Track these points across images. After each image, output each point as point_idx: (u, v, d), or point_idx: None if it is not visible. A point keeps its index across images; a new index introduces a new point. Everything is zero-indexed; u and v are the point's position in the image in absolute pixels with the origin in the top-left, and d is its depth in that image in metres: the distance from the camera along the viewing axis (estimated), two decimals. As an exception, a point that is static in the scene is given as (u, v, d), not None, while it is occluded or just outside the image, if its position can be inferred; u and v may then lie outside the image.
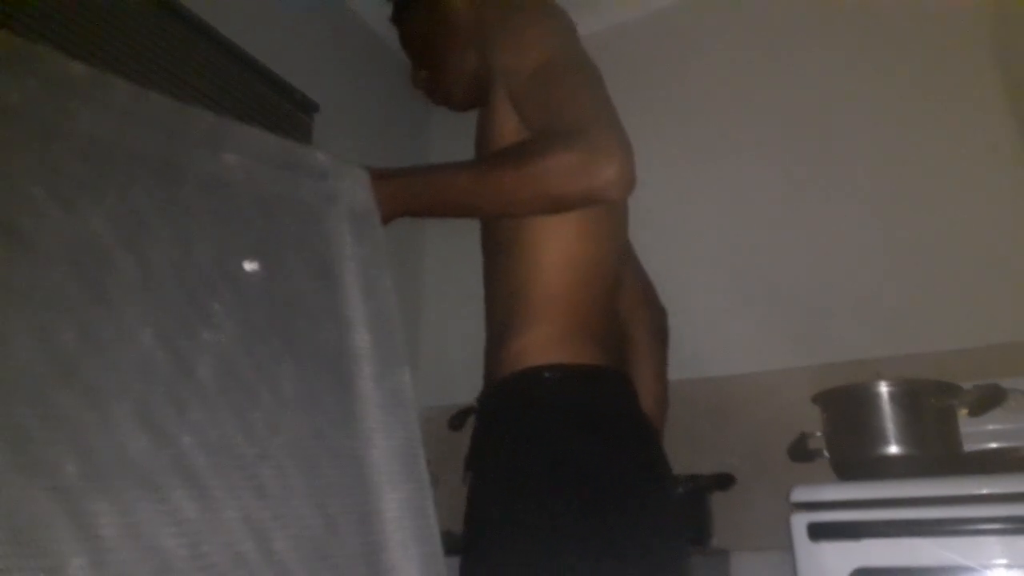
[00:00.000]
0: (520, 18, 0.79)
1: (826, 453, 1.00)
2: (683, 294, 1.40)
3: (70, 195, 0.33)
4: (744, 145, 1.43)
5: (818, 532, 0.80)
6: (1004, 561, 0.69)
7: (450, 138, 2.19)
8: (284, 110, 1.38)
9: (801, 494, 0.84)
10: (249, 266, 0.46)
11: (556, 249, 0.74)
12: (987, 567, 0.69)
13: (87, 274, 0.34)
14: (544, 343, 0.71)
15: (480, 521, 0.67)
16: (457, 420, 1.22)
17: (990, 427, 1.00)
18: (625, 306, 0.91)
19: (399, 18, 1.01)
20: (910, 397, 0.92)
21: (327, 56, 1.55)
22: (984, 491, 0.74)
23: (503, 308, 0.77)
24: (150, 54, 1.09)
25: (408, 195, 0.68)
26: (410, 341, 1.64)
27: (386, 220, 0.66)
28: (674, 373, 1.33)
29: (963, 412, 0.95)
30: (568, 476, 0.65)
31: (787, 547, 0.82)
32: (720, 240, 1.40)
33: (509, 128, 0.76)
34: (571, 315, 0.72)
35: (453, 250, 1.92)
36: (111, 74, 0.36)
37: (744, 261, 1.37)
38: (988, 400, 0.93)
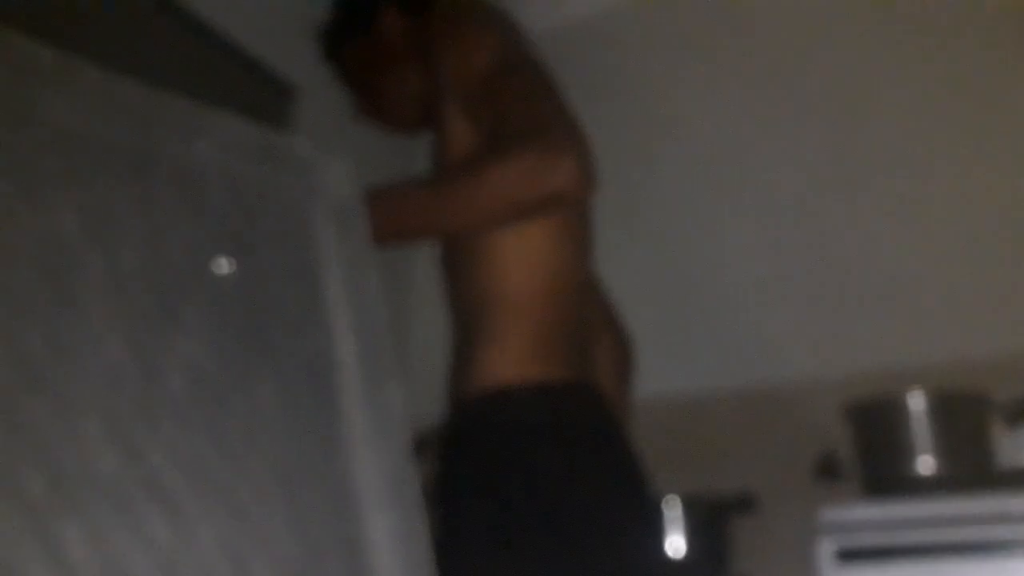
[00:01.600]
0: (462, 27, 0.83)
1: (853, 470, 1.01)
2: (702, 303, 1.41)
3: (37, 189, 0.34)
4: (774, 143, 1.44)
5: (847, 556, 0.81)
6: (1046, 585, 0.70)
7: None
8: (263, 94, 1.38)
9: (828, 515, 0.85)
10: (225, 267, 0.47)
11: (519, 256, 0.76)
12: (1028, 592, 0.70)
13: (54, 275, 0.34)
14: (511, 359, 0.73)
15: (462, 550, 0.68)
16: (420, 444, 1.21)
17: (1029, 440, 1.01)
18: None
19: (333, 53, 1.06)
20: (943, 410, 0.93)
21: (308, 36, 1.55)
22: (1020, 510, 0.75)
23: (466, 322, 0.79)
24: (120, 36, 1.09)
25: (376, 224, 0.67)
26: (400, 350, 1.63)
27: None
28: (690, 385, 1.34)
29: (998, 425, 0.96)
30: (546, 497, 0.67)
31: (813, 573, 0.83)
32: (741, 243, 1.41)
33: (463, 138, 0.78)
34: (537, 328, 0.75)
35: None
36: (79, 60, 0.37)
37: (768, 270, 1.38)
38: (1026, 412, 0.94)
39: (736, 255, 1.42)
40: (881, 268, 1.30)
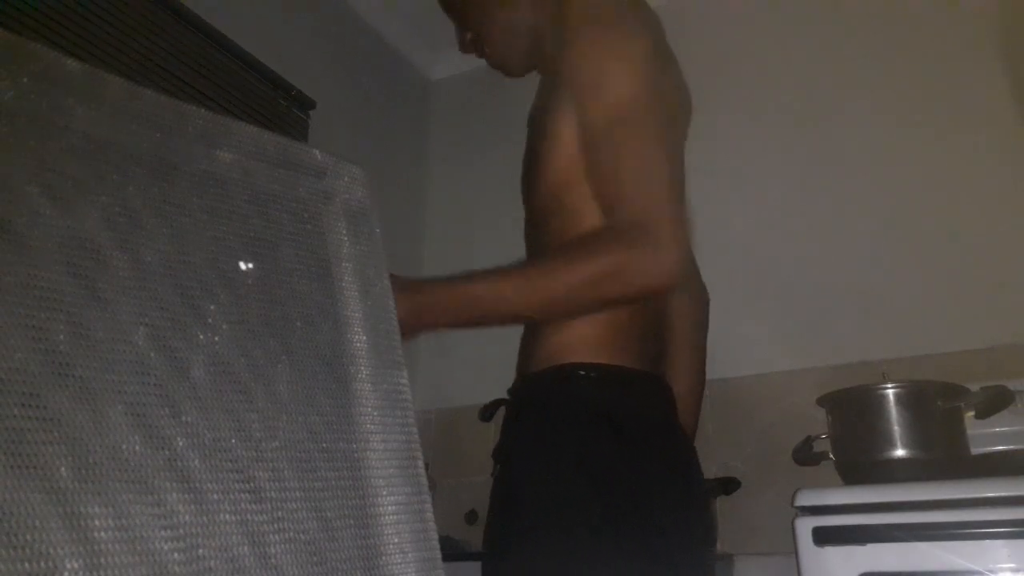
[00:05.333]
0: (604, 37, 0.73)
1: (832, 456, 1.00)
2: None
3: (64, 193, 0.34)
4: (751, 146, 1.44)
5: (823, 536, 0.80)
6: (1011, 565, 0.69)
7: (449, 137, 2.19)
8: (280, 107, 1.38)
9: (806, 498, 0.85)
10: (244, 265, 0.46)
11: (590, 220, 0.71)
12: (994, 571, 0.70)
13: (81, 273, 0.34)
14: (582, 341, 0.71)
15: (508, 515, 0.67)
16: (488, 412, 1.21)
17: (997, 429, 1.00)
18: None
19: None
20: (916, 399, 0.92)
21: (324, 52, 1.55)
22: (991, 494, 0.74)
23: None
24: (145, 50, 1.09)
25: (442, 311, 0.65)
26: (408, 342, 1.63)
27: (411, 334, 0.62)
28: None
29: (970, 414, 0.95)
30: (597, 478, 0.65)
31: (792, 552, 0.82)
32: (725, 241, 1.40)
33: (569, 154, 0.73)
34: (610, 318, 0.72)
35: (452, 250, 1.92)
36: (105, 71, 0.36)
37: (749, 263, 1.37)
38: (995, 402, 0.93)
39: (721, 261, 1.41)
40: (860, 269, 1.29)
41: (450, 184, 2.02)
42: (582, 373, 0.69)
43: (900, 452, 0.90)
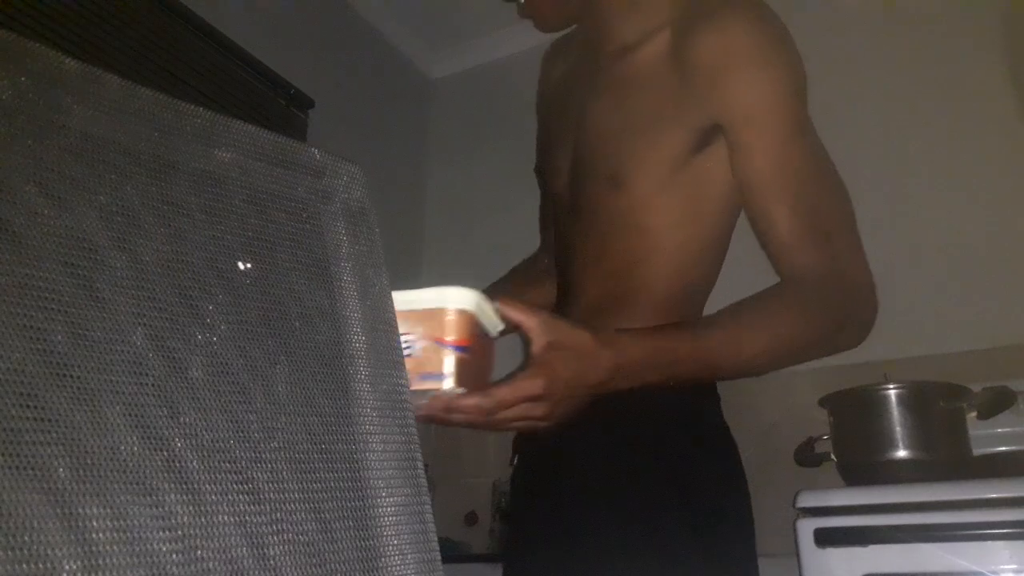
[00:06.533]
0: (787, 71, 0.69)
1: (833, 457, 1.01)
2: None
3: (62, 192, 0.34)
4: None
5: (825, 538, 0.80)
6: (1013, 567, 0.70)
7: (448, 135, 2.19)
8: (279, 106, 1.38)
9: (807, 499, 0.85)
10: (243, 265, 0.46)
11: (677, 261, 0.76)
12: (996, 573, 0.70)
13: (79, 273, 0.34)
14: None
15: (583, 517, 0.66)
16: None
17: (999, 430, 1.01)
18: None
19: None
20: (918, 400, 0.92)
21: (323, 51, 1.55)
22: (993, 495, 0.75)
23: (606, 304, 0.77)
24: (143, 49, 1.09)
25: (639, 371, 0.61)
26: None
27: (599, 392, 0.60)
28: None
29: (972, 415, 0.96)
30: (682, 487, 0.66)
31: (793, 553, 0.83)
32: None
33: (660, 172, 0.71)
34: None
35: (452, 249, 1.92)
36: (103, 70, 0.37)
37: (750, 264, 1.37)
38: (998, 403, 0.93)
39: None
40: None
41: (450, 182, 2.02)
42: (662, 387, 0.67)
43: (902, 453, 0.90)
